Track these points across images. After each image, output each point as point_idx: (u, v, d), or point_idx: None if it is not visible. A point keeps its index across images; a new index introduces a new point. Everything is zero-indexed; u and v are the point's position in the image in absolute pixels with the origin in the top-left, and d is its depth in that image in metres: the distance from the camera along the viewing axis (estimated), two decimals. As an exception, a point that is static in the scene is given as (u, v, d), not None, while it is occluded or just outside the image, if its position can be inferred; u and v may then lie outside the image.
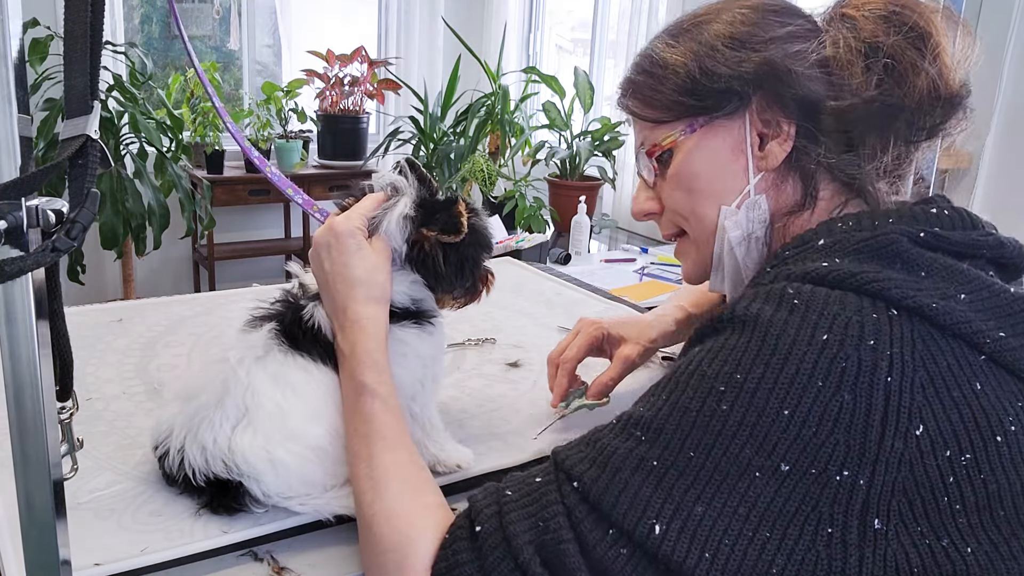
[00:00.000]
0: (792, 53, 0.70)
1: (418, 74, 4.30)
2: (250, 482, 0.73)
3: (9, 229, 0.42)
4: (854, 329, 0.57)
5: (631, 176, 3.83)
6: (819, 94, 0.70)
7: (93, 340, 1.15)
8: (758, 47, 0.71)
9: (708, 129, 0.74)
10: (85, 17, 0.45)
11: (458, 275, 0.80)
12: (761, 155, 0.73)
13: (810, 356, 0.56)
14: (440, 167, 3.43)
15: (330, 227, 0.77)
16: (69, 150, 0.44)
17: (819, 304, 0.59)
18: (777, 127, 0.72)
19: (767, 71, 0.70)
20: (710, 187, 0.75)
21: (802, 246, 0.68)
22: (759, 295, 0.62)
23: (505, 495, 0.63)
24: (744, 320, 0.60)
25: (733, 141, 0.73)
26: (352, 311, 0.75)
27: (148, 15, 4.09)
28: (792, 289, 0.61)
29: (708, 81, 0.72)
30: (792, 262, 0.67)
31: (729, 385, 0.57)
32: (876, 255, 0.62)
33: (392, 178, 0.80)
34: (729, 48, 0.72)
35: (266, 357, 0.76)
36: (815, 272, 0.62)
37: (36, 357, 0.46)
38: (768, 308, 0.60)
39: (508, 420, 0.96)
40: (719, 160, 0.74)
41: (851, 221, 0.67)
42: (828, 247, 0.65)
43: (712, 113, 0.73)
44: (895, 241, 0.62)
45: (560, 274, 1.63)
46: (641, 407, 0.62)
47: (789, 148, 0.72)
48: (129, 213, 3.04)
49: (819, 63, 0.70)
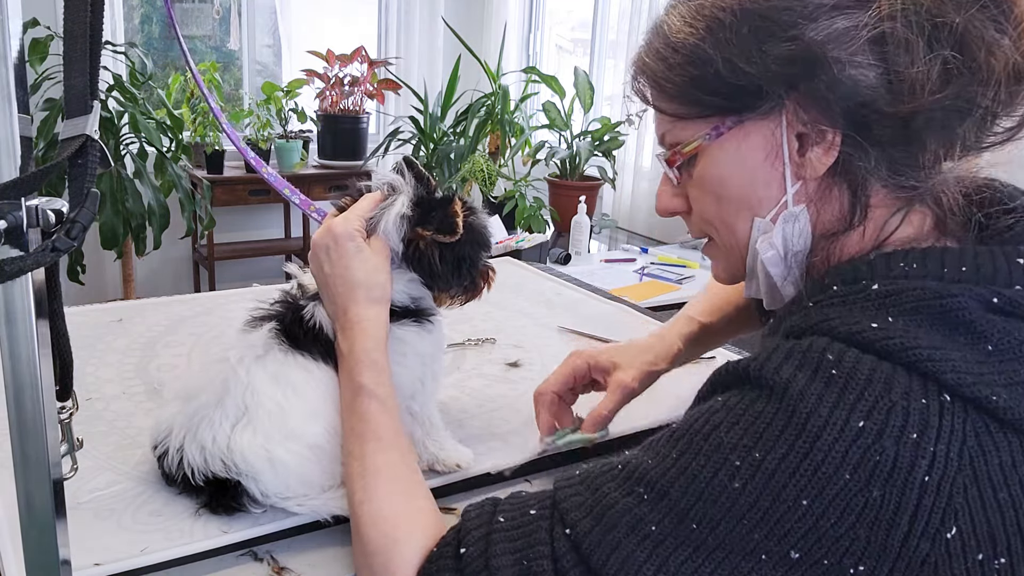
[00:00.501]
0: (836, 33, 0.56)
1: (418, 74, 4.30)
2: (248, 481, 0.73)
3: (9, 229, 0.42)
4: (897, 418, 0.50)
5: (631, 176, 3.83)
6: (871, 91, 0.57)
7: (93, 340, 1.14)
8: (793, 28, 0.57)
9: (737, 131, 0.63)
10: (85, 17, 0.45)
11: (455, 274, 0.80)
12: (800, 161, 0.61)
13: (841, 444, 0.50)
14: (440, 167, 3.43)
15: (329, 229, 0.77)
16: (69, 150, 0.44)
17: (861, 381, 0.51)
18: (819, 132, 0.60)
19: (805, 63, 0.57)
20: (741, 196, 0.65)
21: (852, 284, 0.58)
22: (794, 353, 0.54)
23: (497, 521, 0.61)
24: (773, 386, 0.53)
25: (768, 144, 0.62)
26: (353, 313, 0.75)
27: (148, 15, 4.09)
28: (833, 354, 0.53)
29: (733, 77, 0.60)
30: (839, 306, 0.57)
31: (746, 462, 0.52)
32: (938, 320, 0.53)
33: (389, 177, 0.80)
34: (757, 32, 0.59)
35: (266, 356, 0.76)
36: (862, 336, 0.53)
37: (36, 357, 0.46)
38: (802, 376, 0.52)
39: (508, 420, 0.96)
40: (750, 166, 0.63)
41: (915, 262, 0.57)
42: (883, 297, 0.55)
43: (741, 113, 0.62)
44: (963, 307, 0.53)
45: (560, 274, 1.62)
46: (649, 458, 0.57)
47: (834, 157, 0.60)
48: (129, 213, 3.04)
49: (873, 42, 0.56)
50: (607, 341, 1.23)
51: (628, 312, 1.40)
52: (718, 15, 0.61)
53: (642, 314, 1.39)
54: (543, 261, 2.77)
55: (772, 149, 0.62)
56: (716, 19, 0.61)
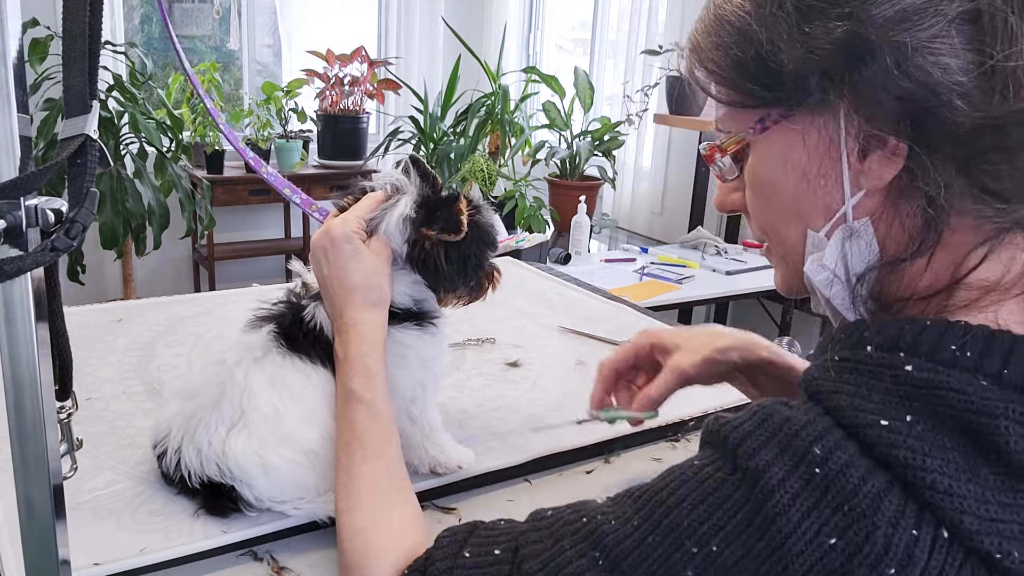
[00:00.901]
0: (909, 8, 0.46)
1: (418, 74, 4.30)
2: (242, 487, 0.73)
3: (8, 229, 0.42)
4: (875, 545, 0.42)
5: (631, 176, 3.83)
6: (952, 86, 0.45)
7: (93, 340, 1.14)
8: (847, 2, 0.47)
9: (785, 126, 0.53)
10: (84, 17, 0.45)
11: (461, 274, 0.79)
12: (860, 167, 0.51)
13: (804, 559, 0.44)
14: (440, 167, 3.42)
15: (326, 231, 0.77)
16: (68, 150, 0.44)
17: (846, 491, 0.44)
18: (881, 139, 0.49)
19: (859, 48, 0.47)
20: (791, 203, 0.55)
21: (888, 352, 0.48)
22: (780, 434, 0.47)
23: (463, 556, 0.58)
24: (746, 471, 0.47)
25: (821, 145, 0.52)
26: (348, 316, 0.75)
27: (148, 15, 4.09)
28: (822, 448, 0.45)
29: (776, 62, 0.50)
30: (862, 374, 0.48)
31: (702, 552, 0.47)
32: (966, 439, 0.43)
33: (393, 177, 0.80)
34: (804, 7, 0.49)
35: (264, 359, 0.76)
36: (866, 433, 0.45)
37: (35, 357, 0.46)
38: (780, 468, 0.46)
39: (508, 420, 0.96)
40: (801, 169, 0.53)
41: (971, 348, 0.45)
42: (912, 386, 0.45)
43: (788, 106, 0.52)
44: (1003, 433, 0.42)
45: (560, 274, 1.62)
46: (613, 518, 0.52)
47: (898, 167, 0.49)
48: (129, 213, 3.04)
49: (962, 20, 0.45)
50: (607, 341, 1.23)
51: (628, 312, 1.40)
52: None
53: (642, 314, 1.39)
54: (543, 261, 2.77)
55: (826, 151, 0.52)
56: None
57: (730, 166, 0.60)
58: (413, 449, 0.80)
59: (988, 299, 0.49)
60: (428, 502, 0.80)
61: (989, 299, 0.49)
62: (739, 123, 0.57)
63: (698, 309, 3.22)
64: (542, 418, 0.97)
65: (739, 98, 0.55)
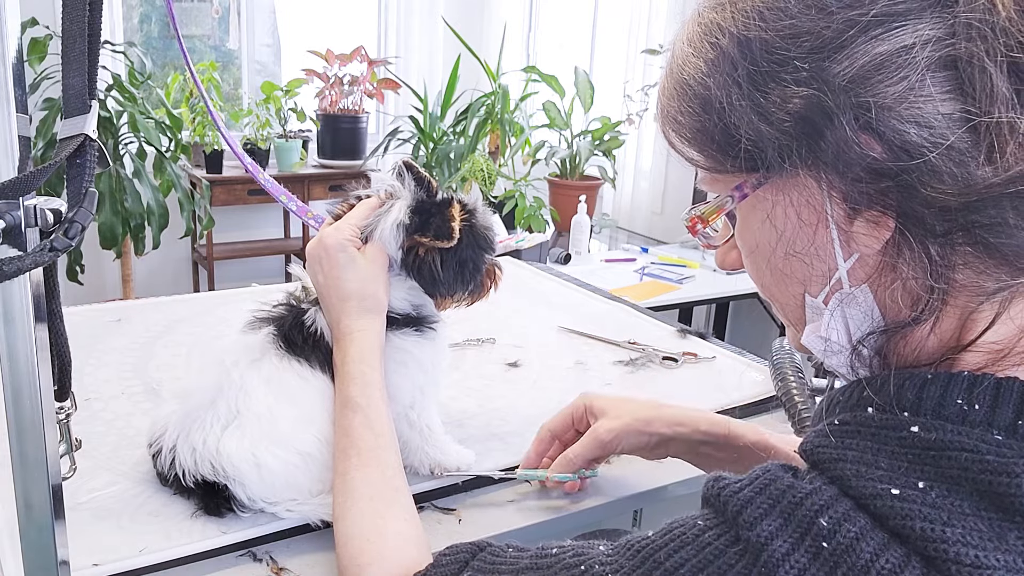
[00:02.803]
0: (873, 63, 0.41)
1: (418, 73, 4.30)
2: (235, 486, 0.72)
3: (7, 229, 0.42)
4: None
5: (631, 176, 3.83)
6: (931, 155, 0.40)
7: (92, 340, 1.14)
8: (804, 64, 0.42)
9: (764, 192, 0.49)
10: (83, 16, 0.45)
11: (458, 279, 0.79)
12: (850, 231, 0.46)
13: None
14: (440, 167, 3.42)
15: (320, 240, 0.77)
16: (67, 149, 0.44)
17: (857, 569, 0.40)
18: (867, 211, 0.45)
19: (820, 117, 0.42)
20: (783, 269, 0.51)
21: (890, 413, 0.44)
22: (782, 502, 0.43)
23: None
24: (747, 541, 0.43)
25: (805, 209, 0.47)
26: (345, 324, 0.75)
27: (147, 14, 4.09)
28: (829, 520, 0.41)
29: (740, 131, 0.46)
30: (865, 439, 0.44)
31: None
32: (987, 503, 0.39)
33: (387, 182, 0.79)
34: (760, 72, 0.44)
35: (262, 360, 0.76)
36: (876, 504, 0.41)
37: (34, 357, 0.46)
38: (783, 541, 0.42)
39: (507, 420, 0.96)
40: (788, 235, 0.49)
41: (979, 401, 0.41)
42: (920, 448, 0.42)
43: (762, 172, 0.48)
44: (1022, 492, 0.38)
45: (560, 274, 1.62)
46: (611, 571, 0.49)
47: (887, 234, 0.45)
48: (128, 213, 3.04)
49: (937, 66, 0.40)
50: (607, 341, 1.23)
51: (628, 312, 1.40)
52: (720, 42, 0.46)
53: (642, 314, 1.39)
54: (543, 261, 2.76)
55: (812, 216, 0.47)
56: (719, 48, 0.47)
57: (724, 225, 0.57)
58: (413, 452, 0.80)
59: (1002, 364, 0.44)
60: (428, 503, 0.80)
61: (1003, 364, 0.44)
62: (720, 187, 0.52)
63: (698, 309, 3.22)
64: (542, 418, 0.96)
65: (712, 164, 0.51)
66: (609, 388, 1.08)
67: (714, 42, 0.47)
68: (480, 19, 4.47)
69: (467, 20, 4.38)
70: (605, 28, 4.16)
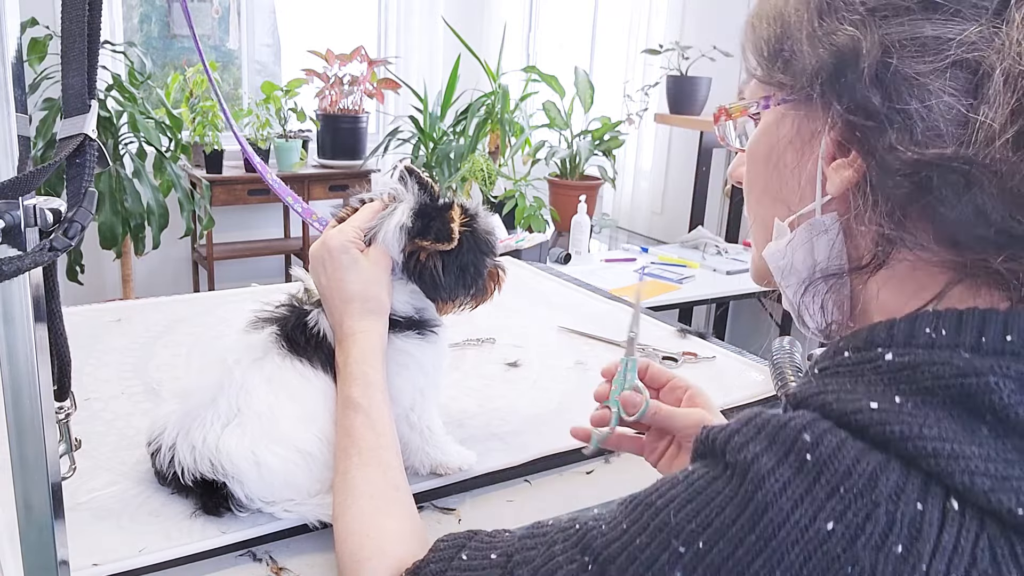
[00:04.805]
0: (908, 38, 0.45)
1: (417, 73, 4.30)
2: (234, 484, 0.72)
3: (7, 228, 0.42)
4: (878, 524, 0.40)
5: (631, 175, 3.83)
6: (934, 122, 0.44)
7: (92, 340, 1.14)
8: (856, 15, 0.47)
9: (783, 111, 0.54)
10: (83, 16, 0.45)
11: (460, 283, 0.79)
12: (826, 171, 0.51)
13: (801, 549, 0.41)
14: (440, 167, 3.43)
15: (323, 243, 0.77)
16: (67, 149, 0.44)
17: (839, 472, 0.42)
18: (844, 147, 0.50)
19: (854, 58, 0.47)
20: (768, 182, 0.56)
21: (865, 351, 0.47)
22: (767, 428, 0.46)
23: (460, 559, 0.59)
24: (734, 465, 0.45)
25: (805, 136, 0.52)
26: (347, 326, 0.76)
27: (147, 14, 4.09)
28: (811, 435, 0.44)
29: (783, 51, 0.52)
30: (843, 376, 0.47)
31: (690, 550, 0.45)
32: (958, 405, 0.42)
33: (390, 186, 0.80)
34: (820, 10, 0.50)
35: (264, 359, 0.76)
36: (856, 418, 0.44)
37: (34, 357, 0.46)
38: (768, 458, 0.44)
39: (508, 420, 0.96)
40: (783, 151, 0.54)
41: (946, 327, 0.45)
42: (895, 371, 0.45)
43: (788, 92, 0.53)
44: (994, 389, 0.41)
45: (560, 274, 1.62)
46: (604, 523, 0.52)
47: (856, 179, 0.49)
48: (128, 213, 3.04)
49: (960, 66, 0.44)
50: (607, 341, 1.23)
51: (628, 312, 1.40)
52: None
53: (642, 314, 1.39)
54: (543, 261, 2.77)
55: (807, 141, 0.52)
56: None
57: (738, 136, 0.62)
58: (413, 453, 0.80)
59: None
60: (428, 503, 0.80)
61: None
62: (753, 95, 0.58)
63: (698, 309, 3.22)
64: (542, 418, 0.97)
65: (759, 71, 0.56)
66: (609, 388, 1.08)
67: None
68: (480, 19, 4.47)
69: (467, 20, 4.38)
70: (605, 28, 4.16)
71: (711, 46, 3.12)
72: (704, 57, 3.16)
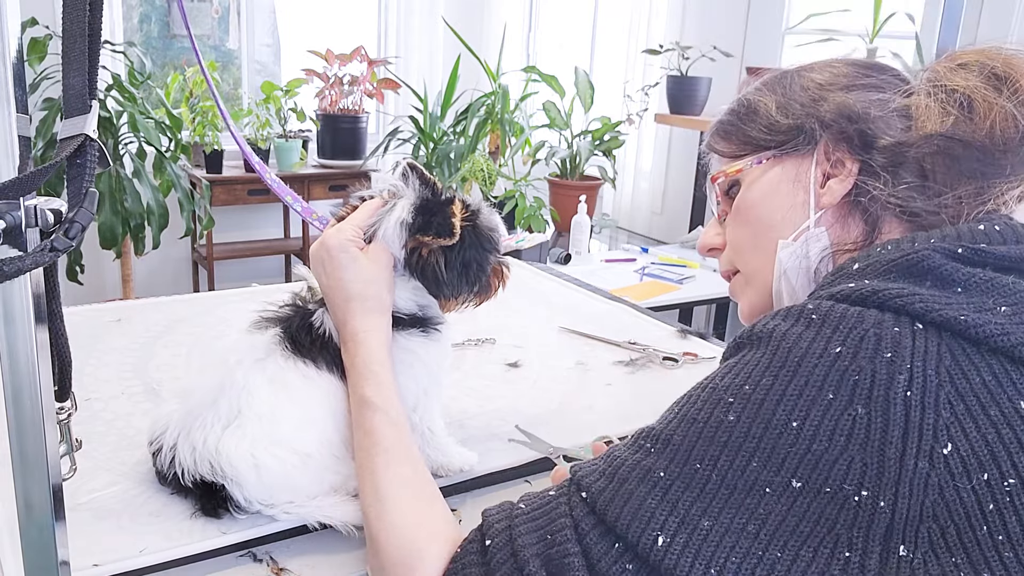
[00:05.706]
0: (873, 100, 0.70)
1: (418, 73, 4.30)
2: (233, 486, 0.72)
3: (7, 229, 0.42)
4: (870, 342, 0.54)
5: (631, 176, 3.83)
6: (888, 135, 0.69)
7: (92, 340, 1.14)
8: (839, 91, 0.72)
9: (775, 162, 0.74)
10: (83, 16, 0.45)
11: (463, 279, 0.79)
12: (822, 191, 0.71)
13: (820, 368, 0.54)
14: (440, 167, 3.43)
15: (322, 242, 0.77)
16: (67, 149, 0.44)
17: (835, 318, 0.57)
18: (841, 165, 0.70)
19: (841, 112, 0.70)
20: (769, 218, 0.74)
21: (839, 273, 0.66)
22: (779, 313, 0.60)
23: (518, 508, 0.62)
24: (760, 336, 0.59)
25: (796, 176, 0.72)
26: (351, 325, 0.75)
27: (147, 14, 4.09)
28: (812, 306, 0.59)
29: (783, 117, 0.73)
30: (825, 287, 0.64)
31: (737, 397, 0.56)
32: (906, 273, 0.59)
33: (390, 182, 0.79)
34: (812, 91, 0.73)
35: (267, 360, 0.76)
36: (840, 292, 0.59)
37: (35, 357, 0.46)
38: (784, 324, 0.58)
39: (507, 420, 0.96)
40: (780, 192, 0.73)
41: (891, 245, 0.64)
42: (861, 270, 0.63)
43: (782, 147, 0.73)
44: (926, 257, 0.59)
45: (560, 274, 1.62)
46: (655, 421, 0.61)
47: (850, 185, 0.70)
48: (128, 213, 3.04)
49: (899, 110, 0.70)
50: (607, 341, 1.23)
51: (628, 312, 1.40)
52: (789, 83, 0.75)
53: (642, 314, 1.39)
54: (543, 261, 2.77)
55: (799, 178, 0.72)
56: (785, 86, 0.75)
57: (724, 199, 0.79)
58: None
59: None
60: (428, 503, 0.80)
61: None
62: (736, 166, 0.77)
63: (698, 309, 3.22)
64: (542, 418, 0.97)
65: (744, 149, 0.76)
66: (610, 388, 1.08)
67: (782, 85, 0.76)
68: (480, 19, 4.47)
69: (467, 20, 4.37)
70: (605, 28, 4.16)
71: (711, 46, 3.12)
72: (704, 57, 3.16)
